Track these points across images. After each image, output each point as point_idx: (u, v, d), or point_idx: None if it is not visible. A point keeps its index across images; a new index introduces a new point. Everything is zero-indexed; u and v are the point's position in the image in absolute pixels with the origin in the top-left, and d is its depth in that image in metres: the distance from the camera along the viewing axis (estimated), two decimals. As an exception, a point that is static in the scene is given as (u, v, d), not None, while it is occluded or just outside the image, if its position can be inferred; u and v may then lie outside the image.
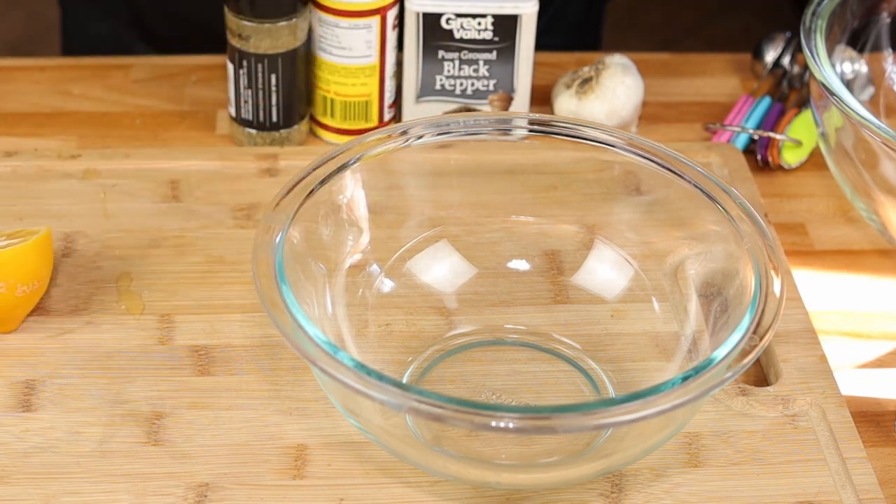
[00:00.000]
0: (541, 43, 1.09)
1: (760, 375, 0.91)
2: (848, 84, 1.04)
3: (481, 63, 1.06)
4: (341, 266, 0.88)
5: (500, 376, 0.88)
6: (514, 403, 0.86)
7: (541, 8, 1.05)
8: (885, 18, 1.08)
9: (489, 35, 1.05)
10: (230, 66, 1.05)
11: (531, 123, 0.90)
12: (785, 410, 0.87)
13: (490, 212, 0.93)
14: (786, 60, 1.16)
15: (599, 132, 0.89)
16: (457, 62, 1.06)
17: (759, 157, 1.08)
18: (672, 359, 0.87)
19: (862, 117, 0.91)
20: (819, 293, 0.98)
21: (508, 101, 1.07)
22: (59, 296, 0.93)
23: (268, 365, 0.89)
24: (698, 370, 0.76)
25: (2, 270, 0.86)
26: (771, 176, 1.08)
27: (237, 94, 1.05)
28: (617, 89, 1.07)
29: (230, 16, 1.02)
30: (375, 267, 0.90)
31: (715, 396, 0.87)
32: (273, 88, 1.04)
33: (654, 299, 0.90)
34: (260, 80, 1.04)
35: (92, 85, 1.14)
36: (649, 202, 0.90)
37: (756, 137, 1.09)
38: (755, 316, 0.79)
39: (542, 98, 1.12)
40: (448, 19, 1.04)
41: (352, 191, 0.89)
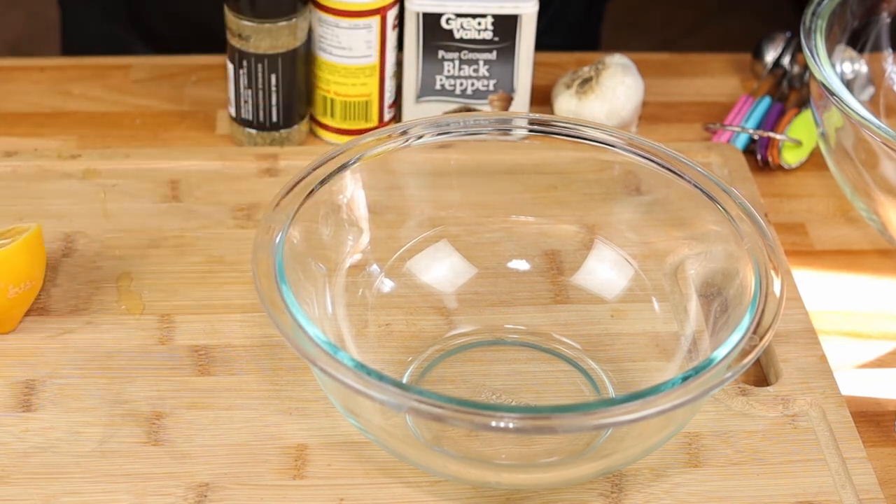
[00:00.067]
0: (541, 43, 1.09)
1: (760, 375, 0.91)
2: (848, 84, 1.04)
3: (481, 63, 1.06)
4: (341, 266, 0.88)
5: (500, 376, 0.88)
6: (514, 403, 0.86)
7: (541, 8, 1.05)
8: (885, 18, 1.08)
9: (489, 35, 1.05)
10: (230, 66, 1.05)
11: (531, 123, 0.90)
12: (785, 410, 0.87)
13: (490, 212, 0.93)
14: (786, 60, 1.16)
15: (599, 132, 0.89)
16: (457, 62, 1.06)
17: (759, 157, 1.08)
18: (672, 359, 0.87)
19: (862, 117, 0.91)
20: (819, 293, 0.98)
21: (508, 101, 1.07)
22: (59, 296, 0.93)
23: (268, 365, 0.89)
24: (698, 370, 0.76)
25: (-9, 273, 0.86)
26: (771, 176, 1.08)
27: (237, 94, 1.05)
28: (617, 89, 1.07)
29: (230, 16, 1.02)
30: (375, 267, 0.90)
31: (715, 396, 0.87)
32: (273, 88, 1.04)
33: (654, 299, 0.90)
34: (260, 80, 1.04)
35: (92, 85, 1.14)
36: (649, 202, 0.90)
37: (756, 137, 1.09)
38: (755, 316, 0.79)
39: (542, 98, 1.12)
40: (448, 19, 1.04)
41: (352, 191, 0.89)
